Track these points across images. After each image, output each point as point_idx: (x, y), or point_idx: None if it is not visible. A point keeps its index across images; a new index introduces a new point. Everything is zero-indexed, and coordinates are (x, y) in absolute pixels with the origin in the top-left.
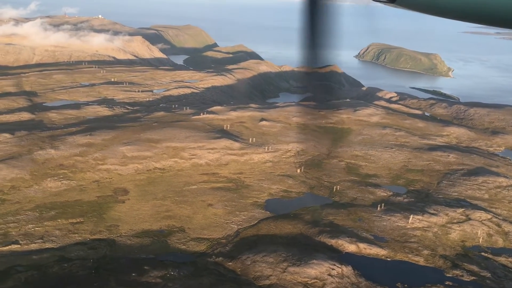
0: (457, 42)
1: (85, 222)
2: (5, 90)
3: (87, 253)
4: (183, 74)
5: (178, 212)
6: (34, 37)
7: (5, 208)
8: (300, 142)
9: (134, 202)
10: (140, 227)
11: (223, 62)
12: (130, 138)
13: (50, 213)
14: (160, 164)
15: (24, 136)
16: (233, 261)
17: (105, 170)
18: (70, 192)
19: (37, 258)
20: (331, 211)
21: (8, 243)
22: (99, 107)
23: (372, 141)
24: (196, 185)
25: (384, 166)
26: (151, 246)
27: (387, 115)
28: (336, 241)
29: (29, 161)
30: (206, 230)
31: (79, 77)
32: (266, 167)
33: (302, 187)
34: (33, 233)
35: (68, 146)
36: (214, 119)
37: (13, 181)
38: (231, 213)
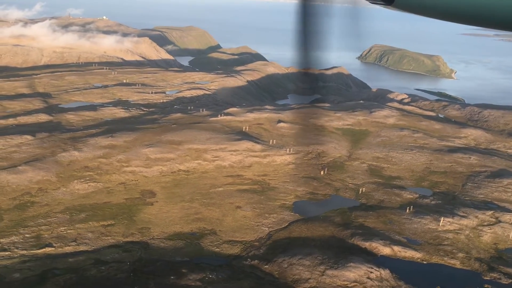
0: (456, 44)
1: (116, 224)
2: (18, 91)
3: (122, 256)
4: (193, 76)
5: (207, 215)
6: (43, 38)
7: (35, 211)
8: (319, 144)
9: (163, 204)
10: (172, 229)
11: (229, 63)
12: (152, 140)
13: (80, 216)
14: (184, 166)
15: (45, 138)
16: (270, 264)
17: (130, 172)
18: (98, 194)
19: (73, 261)
20: (360, 213)
21: (42, 246)
22: (115, 109)
23: (391, 143)
24: (222, 187)
25: (406, 168)
26: (185, 248)
27: (403, 117)
28: (370, 244)
29: (53, 163)
30: (238, 232)
31: (91, 79)
32: (289, 169)
33: (327, 189)
34: (66, 235)
35: (91, 148)
36: (232, 120)
37: (40, 183)
38: (260, 215)
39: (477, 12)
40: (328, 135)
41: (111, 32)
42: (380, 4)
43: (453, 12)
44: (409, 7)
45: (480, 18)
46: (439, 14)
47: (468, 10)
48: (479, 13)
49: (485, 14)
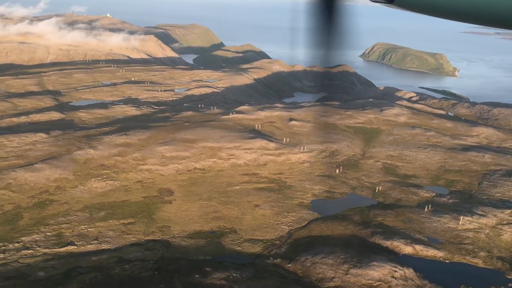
0: (457, 42)
1: (136, 223)
2: (28, 89)
3: (144, 254)
4: (201, 74)
5: (226, 213)
6: (50, 36)
7: (55, 209)
8: (332, 142)
9: (181, 202)
10: (192, 228)
11: (234, 61)
12: (166, 138)
13: (100, 214)
14: (200, 164)
15: (59, 135)
16: (292, 262)
17: (146, 171)
18: (116, 192)
19: (96, 259)
20: (378, 212)
21: (64, 245)
22: (126, 107)
23: (403, 141)
24: (238, 185)
25: (421, 166)
26: (206, 247)
27: (414, 115)
28: (391, 243)
29: (70, 161)
30: (258, 231)
31: (99, 76)
32: (305, 167)
33: (344, 187)
34: (87, 234)
35: (106, 146)
36: (244, 119)
37: (58, 181)
38: (279, 214)
39: (479, 10)
40: (341, 133)
41: (116, 30)
42: (381, 2)
43: (455, 11)
44: (409, 6)
45: (482, 16)
46: (440, 13)
47: (470, 9)
48: (481, 12)
49: (488, 12)
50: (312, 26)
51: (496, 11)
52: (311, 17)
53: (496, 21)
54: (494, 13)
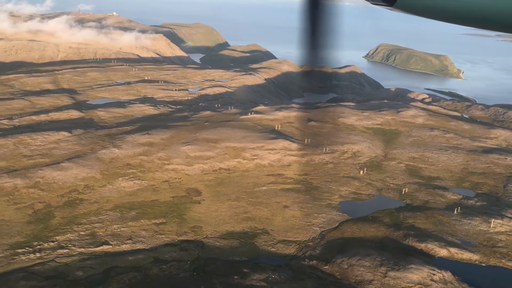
0: (459, 44)
1: (168, 223)
2: (43, 87)
3: (180, 254)
4: (213, 73)
5: (256, 214)
6: (61, 34)
7: (85, 208)
8: (353, 143)
9: (210, 203)
10: (223, 228)
11: (241, 61)
12: (188, 138)
13: (131, 213)
14: (224, 164)
15: (81, 134)
16: (329, 264)
17: (172, 170)
18: (144, 192)
19: (132, 259)
20: (408, 214)
21: (99, 244)
22: (143, 106)
23: (423, 143)
24: (265, 186)
25: (444, 168)
26: (240, 248)
27: (431, 117)
28: (426, 245)
29: (96, 160)
30: (290, 232)
31: (112, 75)
32: (328, 168)
33: (370, 189)
34: (120, 233)
35: (130, 146)
36: (263, 119)
37: (86, 180)
38: (309, 215)
39: (480, 14)
40: (360, 134)
41: (123, 29)
42: (381, 5)
43: (456, 14)
44: (410, 9)
45: (484, 20)
46: (442, 16)
47: (470, 12)
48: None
49: (489, 16)
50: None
51: (497, 15)
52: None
53: (497, 25)
54: (495, 17)
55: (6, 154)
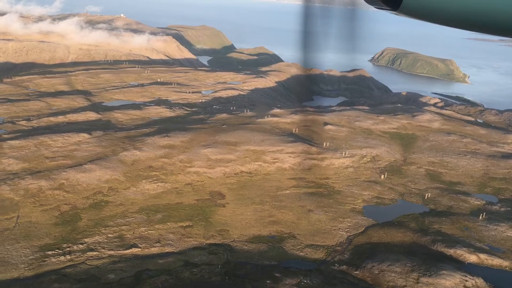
0: (463, 49)
1: (194, 226)
2: (57, 88)
3: (210, 258)
4: (224, 76)
5: (281, 218)
6: (72, 35)
7: (111, 210)
8: (372, 147)
9: (234, 206)
10: (250, 232)
11: (249, 63)
12: (207, 141)
13: (157, 216)
14: (246, 167)
15: (101, 136)
16: (360, 269)
17: (194, 173)
18: (168, 194)
19: (163, 262)
20: (433, 219)
21: (128, 247)
22: (160, 108)
23: (441, 147)
24: (288, 189)
25: (464, 173)
26: (269, 252)
27: (446, 121)
28: (455, 251)
29: (118, 162)
30: (317, 236)
31: (125, 77)
32: (349, 172)
33: (392, 194)
34: (148, 236)
35: (151, 148)
36: (279, 122)
37: (109, 182)
38: (334, 219)
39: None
40: (377, 138)
41: (132, 30)
42: (386, 9)
43: (460, 19)
44: (414, 13)
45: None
46: (446, 20)
47: (475, 17)
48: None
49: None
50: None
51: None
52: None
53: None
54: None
55: (28, 156)
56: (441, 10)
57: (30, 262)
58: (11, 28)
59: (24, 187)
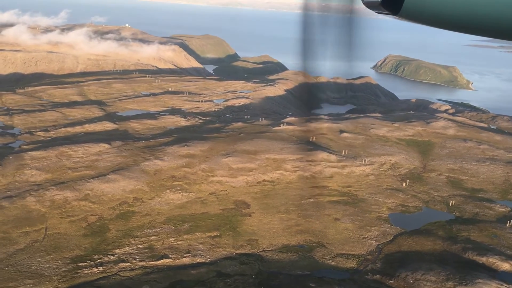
0: (464, 55)
1: (222, 236)
2: (71, 99)
3: (242, 268)
4: (234, 84)
5: (308, 227)
6: (82, 46)
7: (138, 221)
8: (390, 154)
9: (260, 215)
10: (279, 241)
11: (255, 72)
12: (227, 150)
13: (184, 226)
14: (268, 176)
15: (121, 146)
16: (394, 279)
17: (217, 182)
18: (193, 204)
19: (195, 273)
20: (460, 227)
21: (159, 258)
22: (174, 117)
23: (459, 154)
24: (312, 198)
25: (486, 180)
26: (300, 262)
27: (461, 128)
28: (487, 259)
29: (140, 172)
30: (346, 245)
31: (137, 86)
32: (371, 180)
33: (416, 201)
34: (177, 247)
35: (172, 157)
36: (295, 130)
37: (134, 192)
38: (361, 228)
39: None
40: (394, 145)
41: (138, 40)
42: (386, 14)
43: (463, 23)
44: (415, 17)
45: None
46: (447, 25)
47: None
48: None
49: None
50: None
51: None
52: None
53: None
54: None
55: (50, 166)
56: (441, 14)
57: (63, 274)
58: (20, 39)
59: (49, 198)
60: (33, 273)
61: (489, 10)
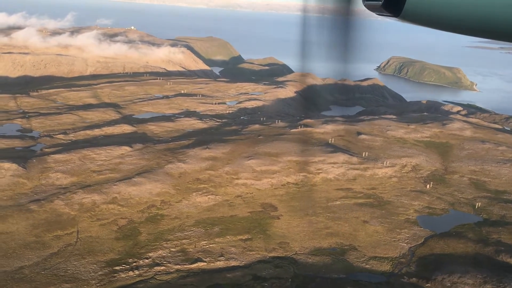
0: (465, 57)
1: (253, 239)
2: (85, 101)
3: (276, 271)
4: (245, 86)
5: (338, 229)
6: (92, 48)
7: (168, 224)
8: (410, 156)
9: (289, 218)
10: (310, 244)
11: (262, 74)
12: (248, 152)
13: (214, 229)
14: (292, 178)
15: (142, 149)
16: (430, 282)
17: (242, 185)
18: (220, 207)
19: (231, 276)
20: (490, 229)
21: (193, 261)
22: (191, 120)
23: (478, 156)
24: (338, 200)
25: (508, 182)
26: (334, 265)
27: (477, 129)
28: None
29: (165, 175)
30: (378, 248)
31: (149, 89)
32: (394, 182)
33: (442, 203)
34: (210, 250)
35: (194, 160)
36: (313, 132)
37: (160, 195)
38: (391, 230)
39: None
40: (413, 147)
41: (145, 42)
42: (387, 16)
43: (464, 25)
44: (416, 19)
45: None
46: (449, 26)
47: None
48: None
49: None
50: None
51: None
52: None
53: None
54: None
55: (75, 169)
56: (443, 16)
57: (100, 278)
58: (30, 41)
59: (78, 202)
60: (70, 277)
61: (490, 12)
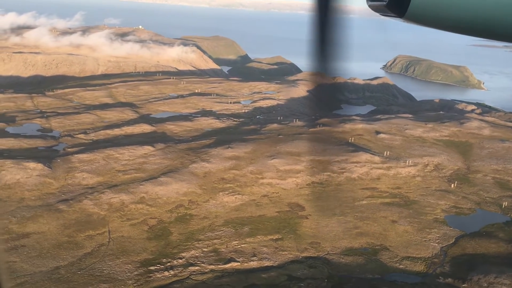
0: (469, 55)
1: (284, 239)
2: (101, 101)
3: (311, 272)
4: (258, 86)
5: (367, 229)
6: (104, 48)
7: (198, 224)
8: (431, 155)
9: (317, 218)
10: (341, 244)
11: (271, 73)
12: (270, 151)
13: (244, 229)
14: (316, 178)
15: (164, 148)
16: (467, 282)
17: (268, 185)
18: (248, 207)
19: (266, 276)
20: None
21: (226, 261)
22: (209, 119)
23: (499, 155)
24: (364, 200)
25: None
26: (367, 265)
27: (495, 128)
28: None
29: (190, 175)
30: (410, 248)
31: (163, 88)
32: (418, 181)
33: (468, 203)
34: (242, 250)
35: (218, 159)
36: (332, 131)
37: (188, 195)
38: (421, 230)
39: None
40: (433, 146)
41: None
42: (391, 16)
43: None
44: (421, 20)
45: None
46: (454, 28)
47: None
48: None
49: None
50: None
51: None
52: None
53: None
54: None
55: (100, 169)
56: (448, 16)
57: (136, 278)
58: (41, 41)
59: (106, 202)
60: (107, 277)
61: (497, 12)
